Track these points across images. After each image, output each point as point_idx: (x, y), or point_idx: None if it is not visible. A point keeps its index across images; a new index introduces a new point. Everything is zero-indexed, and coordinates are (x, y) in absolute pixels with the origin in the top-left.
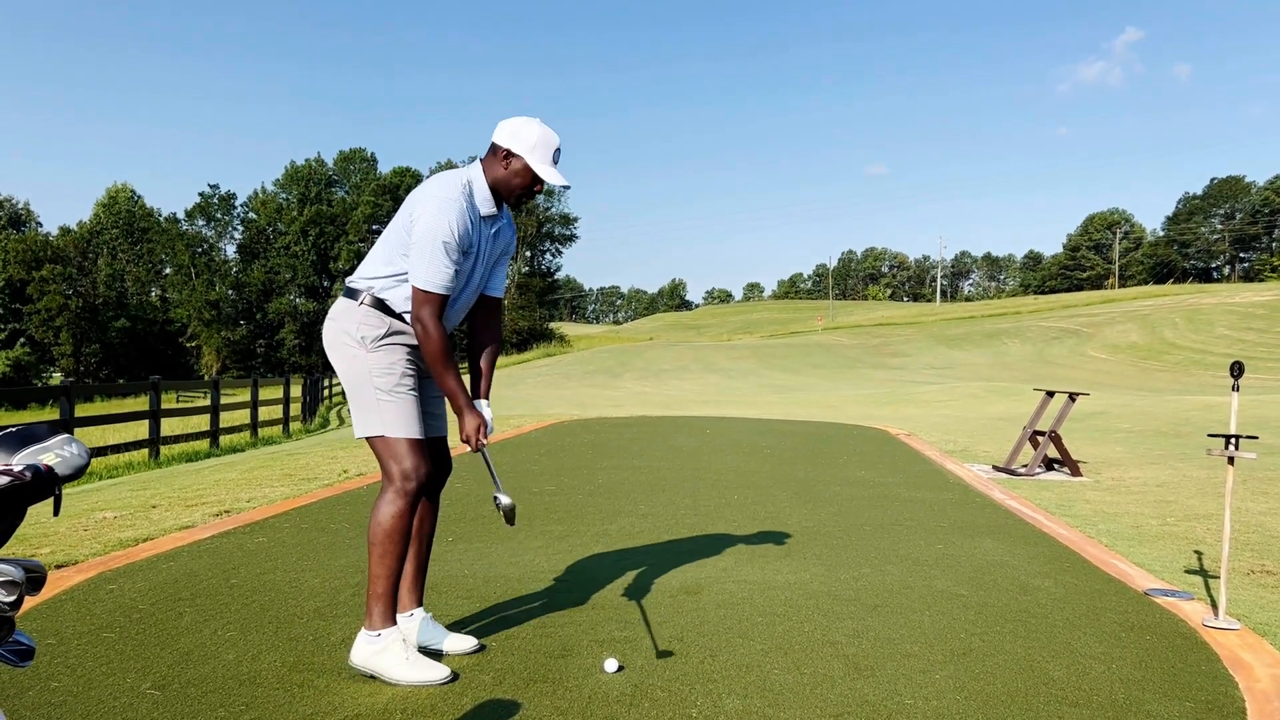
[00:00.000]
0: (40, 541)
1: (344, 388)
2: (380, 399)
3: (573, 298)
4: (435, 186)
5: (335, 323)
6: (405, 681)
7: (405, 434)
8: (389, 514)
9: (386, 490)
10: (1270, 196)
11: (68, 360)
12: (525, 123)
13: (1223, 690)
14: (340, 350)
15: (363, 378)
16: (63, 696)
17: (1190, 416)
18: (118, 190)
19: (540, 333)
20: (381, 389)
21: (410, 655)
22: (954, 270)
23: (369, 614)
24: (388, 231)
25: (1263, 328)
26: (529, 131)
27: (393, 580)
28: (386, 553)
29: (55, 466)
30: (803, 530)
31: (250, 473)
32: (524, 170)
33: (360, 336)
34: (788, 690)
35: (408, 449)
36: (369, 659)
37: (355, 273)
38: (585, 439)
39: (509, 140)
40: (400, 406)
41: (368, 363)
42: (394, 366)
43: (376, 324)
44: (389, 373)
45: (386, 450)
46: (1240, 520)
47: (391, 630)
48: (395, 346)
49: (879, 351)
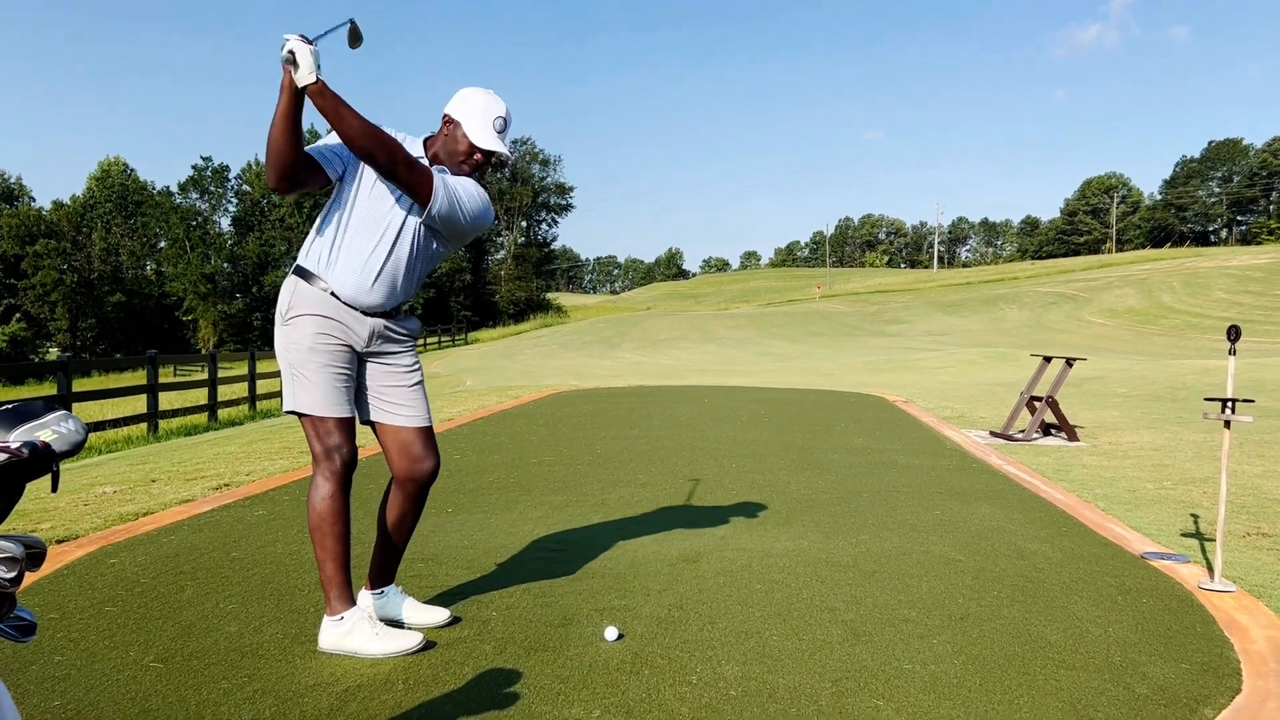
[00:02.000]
0: (40, 517)
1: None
2: (293, 374)
3: (569, 268)
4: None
5: (281, 301)
6: (379, 654)
7: (321, 411)
8: (318, 497)
9: (315, 473)
10: (1268, 159)
11: (64, 335)
12: (472, 91)
13: (1218, 652)
14: (277, 326)
15: (280, 354)
16: (66, 670)
17: (1187, 380)
18: (110, 164)
19: (537, 303)
20: (294, 365)
21: (378, 630)
22: (951, 236)
23: (326, 600)
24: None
25: (1260, 290)
26: (473, 99)
27: (340, 562)
28: (325, 535)
29: (52, 443)
30: (801, 498)
31: (249, 446)
32: (461, 137)
33: (280, 311)
34: (786, 656)
35: (330, 427)
36: (338, 642)
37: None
38: (583, 409)
39: (452, 108)
40: (311, 383)
41: (281, 337)
42: (299, 342)
43: (285, 297)
44: (295, 347)
45: (309, 428)
46: (1236, 483)
47: (353, 611)
48: (301, 319)
49: (877, 319)
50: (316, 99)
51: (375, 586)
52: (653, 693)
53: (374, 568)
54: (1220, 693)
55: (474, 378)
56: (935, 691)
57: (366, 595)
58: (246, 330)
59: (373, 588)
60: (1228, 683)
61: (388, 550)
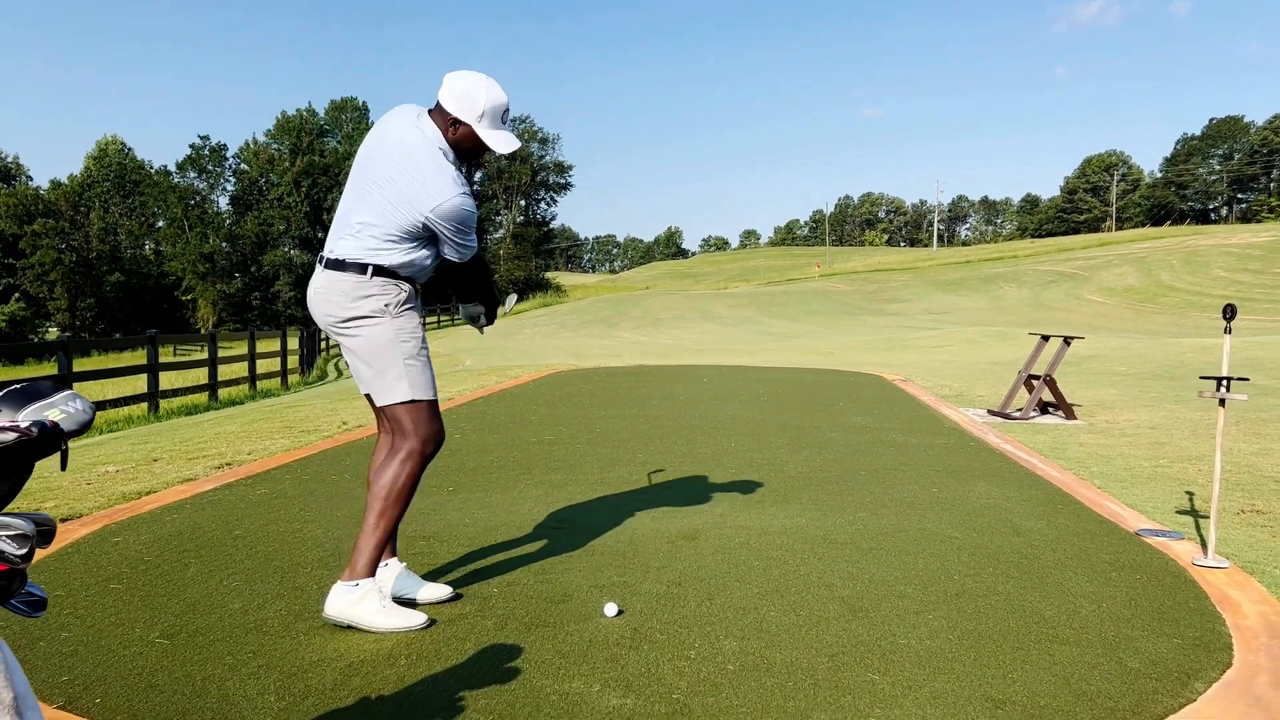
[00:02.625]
0: (44, 496)
1: (362, 359)
2: (408, 364)
3: (568, 247)
4: (435, 159)
5: (343, 297)
6: (382, 629)
7: (428, 396)
8: (404, 474)
9: (401, 449)
10: (1269, 136)
11: (63, 315)
12: (472, 85)
13: (1210, 627)
14: (357, 324)
15: (389, 345)
16: (73, 646)
17: (1185, 359)
18: (108, 143)
19: (536, 282)
20: (408, 354)
21: (386, 604)
22: (951, 215)
23: (352, 565)
24: (375, 195)
25: (1259, 269)
26: (477, 97)
27: (388, 536)
28: (389, 509)
29: (61, 422)
30: (799, 476)
31: (250, 425)
32: (472, 137)
33: (384, 304)
34: (783, 631)
35: (431, 412)
36: (345, 609)
37: (342, 245)
38: (583, 388)
39: (457, 107)
40: (423, 370)
41: (392, 329)
42: (416, 331)
43: (395, 291)
44: (413, 336)
45: (413, 414)
46: (1232, 461)
47: (369, 581)
48: (412, 312)
49: (876, 298)
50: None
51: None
52: (651, 667)
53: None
54: (1211, 666)
55: (473, 357)
56: (930, 665)
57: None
58: (245, 310)
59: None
60: (1218, 657)
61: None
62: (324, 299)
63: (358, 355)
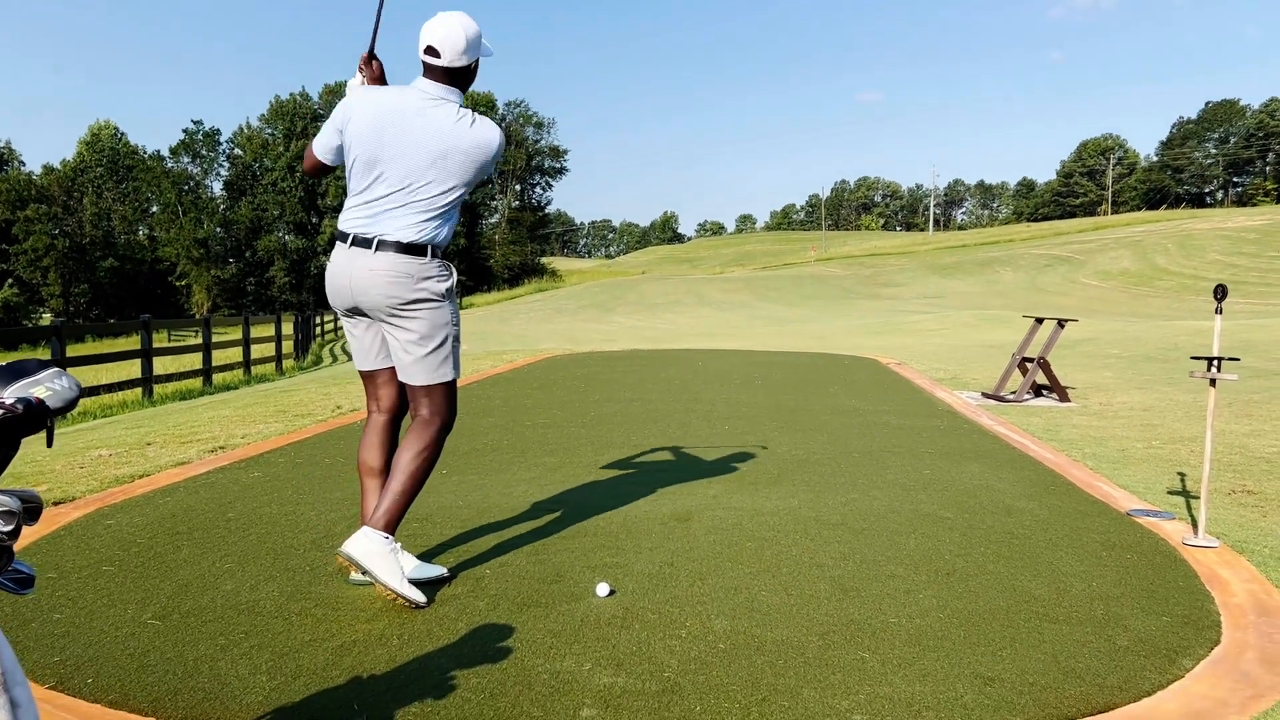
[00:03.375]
0: (36, 479)
1: (418, 340)
2: (454, 347)
3: (564, 232)
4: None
5: (408, 279)
6: (391, 585)
7: (459, 376)
8: (438, 443)
9: (434, 425)
10: (1264, 119)
11: (57, 300)
12: (469, 29)
13: (1199, 605)
14: (420, 306)
15: (445, 328)
16: (65, 628)
17: (1179, 341)
18: (100, 128)
19: (532, 267)
20: (457, 338)
21: (404, 570)
22: (947, 199)
23: (377, 518)
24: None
25: (1254, 252)
26: (477, 35)
27: (410, 502)
28: (421, 477)
29: (46, 399)
30: (792, 458)
31: (244, 410)
32: (476, 63)
33: (446, 288)
34: (775, 611)
35: (456, 391)
36: (369, 555)
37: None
38: (578, 373)
39: (468, 56)
40: (458, 353)
41: (449, 312)
42: (458, 314)
43: (450, 274)
44: (459, 320)
45: (450, 393)
46: (1223, 442)
47: (397, 543)
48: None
49: (872, 282)
50: None
51: None
52: (643, 646)
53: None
54: (1199, 644)
55: (468, 342)
56: (920, 644)
57: None
58: (240, 295)
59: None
60: (1207, 634)
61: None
62: (387, 280)
63: (414, 336)
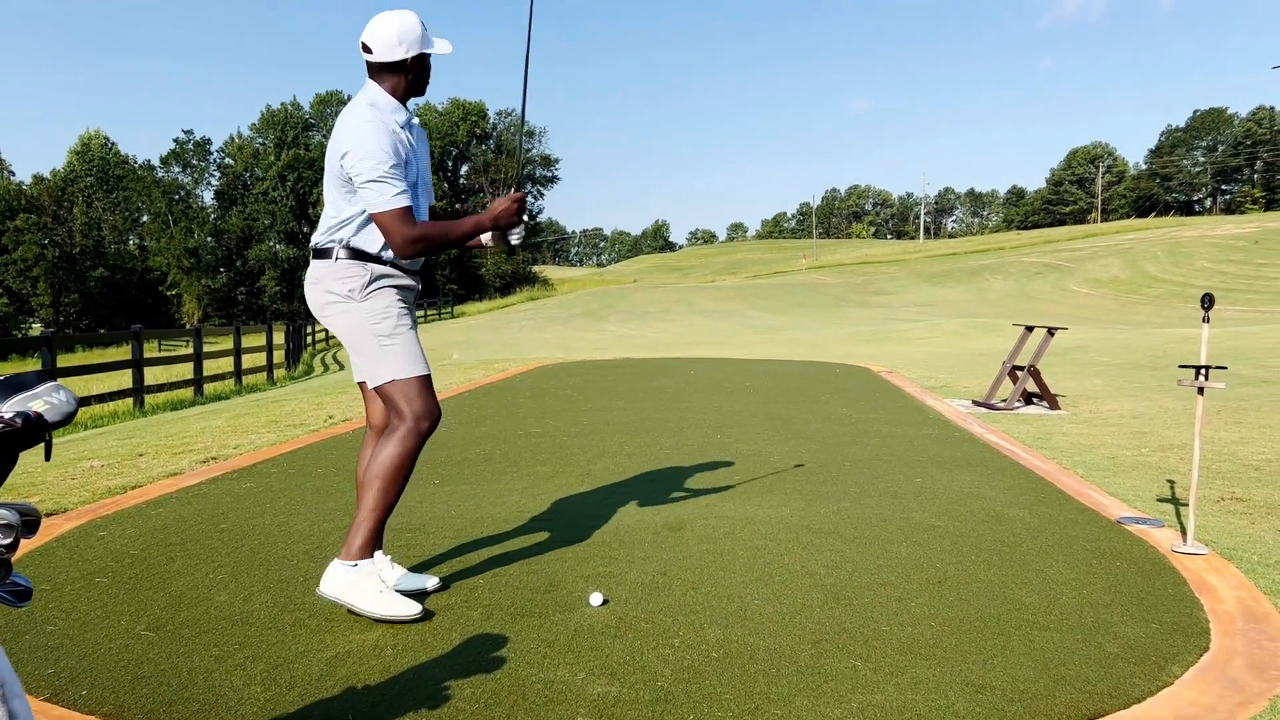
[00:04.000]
0: (29, 491)
1: (345, 345)
2: (384, 345)
3: (555, 241)
4: (347, 124)
5: (317, 285)
6: (377, 613)
7: (414, 373)
8: (399, 452)
9: (398, 429)
10: (1252, 128)
11: (47, 311)
12: (399, 22)
13: (1188, 612)
14: (331, 310)
15: (361, 329)
16: (59, 639)
17: (1168, 349)
18: (91, 137)
19: (523, 276)
20: (383, 334)
21: (383, 589)
22: (937, 207)
23: (348, 545)
24: (329, 186)
25: (1242, 260)
26: (410, 27)
27: (384, 516)
28: (388, 489)
29: (45, 413)
30: (784, 467)
31: (236, 420)
32: (423, 61)
33: (347, 291)
34: (767, 619)
35: (419, 388)
36: (344, 589)
37: (317, 232)
38: (570, 382)
39: (404, 48)
40: (404, 347)
41: (361, 313)
42: (388, 310)
43: (359, 273)
44: (385, 317)
45: (400, 392)
46: (1213, 449)
47: (367, 563)
48: (383, 290)
49: (863, 290)
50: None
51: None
52: (636, 655)
53: None
54: (1189, 651)
55: (460, 351)
56: (912, 652)
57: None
58: (231, 304)
59: None
60: (1196, 641)
61: None
62: (309, 287)
63: (342, 339)
